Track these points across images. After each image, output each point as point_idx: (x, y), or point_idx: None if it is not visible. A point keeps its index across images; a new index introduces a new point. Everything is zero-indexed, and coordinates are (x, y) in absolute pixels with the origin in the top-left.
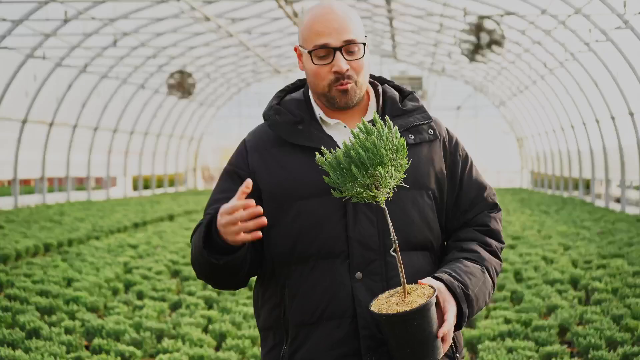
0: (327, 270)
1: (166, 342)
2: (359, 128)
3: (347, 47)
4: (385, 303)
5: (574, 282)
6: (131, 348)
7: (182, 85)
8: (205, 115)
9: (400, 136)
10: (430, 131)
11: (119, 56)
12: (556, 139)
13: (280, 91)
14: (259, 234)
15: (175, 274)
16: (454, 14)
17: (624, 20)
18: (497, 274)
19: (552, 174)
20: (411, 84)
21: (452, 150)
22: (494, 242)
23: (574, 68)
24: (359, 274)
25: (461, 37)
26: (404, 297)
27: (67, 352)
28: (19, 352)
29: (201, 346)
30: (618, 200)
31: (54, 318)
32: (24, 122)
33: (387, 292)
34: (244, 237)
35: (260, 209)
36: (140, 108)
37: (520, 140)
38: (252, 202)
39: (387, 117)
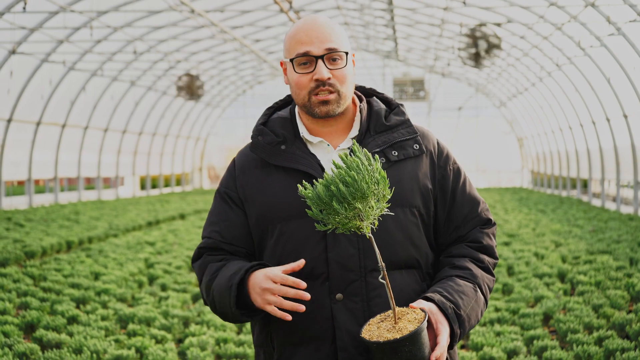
0: (308, 292)
1: (193, 327)
2: (341, 159)
3: (329, 55)
4: (376, 329)
5: (561, 276)
6: (162, 332)
7: (190, 87)
8: (211, 115)
9: (381, 161)
10: (416, 146)
11: (128, 60)
12: (555, 140)
13: (269, 108)
14: (289, 316)
15: (193, 268)
16: (456, 19)
17: (617, 28)
18: (490, 290)
19: (552, 174)
20: (413, 86)
21: (442, 164)
22: (486, 258)
23: (570, 71)
24: (339, 295)
25: (461, 40)
26: (395, 323)
27: (105, 335)
28: (63, 336)
29: (224, 330)
30: (615, 200)
31: (88, 307)
32: (38, 124)
33: (378, 317)
34: (273, 310)
35: (307, 296)
36: (148, 109)
37: (521, 140)
38: (303, 284)
39: (365, 150)
